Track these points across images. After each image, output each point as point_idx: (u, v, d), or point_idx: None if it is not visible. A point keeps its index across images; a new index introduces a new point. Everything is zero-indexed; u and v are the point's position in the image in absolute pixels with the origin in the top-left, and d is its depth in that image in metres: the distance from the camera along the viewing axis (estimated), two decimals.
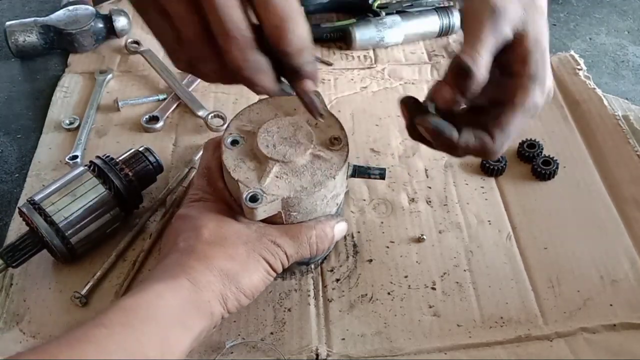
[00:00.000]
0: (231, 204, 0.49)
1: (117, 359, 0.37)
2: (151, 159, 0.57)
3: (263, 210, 0.44)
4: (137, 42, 0.78)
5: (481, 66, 0.39)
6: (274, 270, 0.47)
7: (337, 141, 0.48)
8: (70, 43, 0.77)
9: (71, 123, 0.68)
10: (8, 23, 0.76)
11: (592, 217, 0.59)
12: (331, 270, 0.55)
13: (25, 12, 0.87)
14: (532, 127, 0.68)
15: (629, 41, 0.83)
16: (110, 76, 0.75)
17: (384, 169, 0.52)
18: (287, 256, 0.47)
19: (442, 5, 0.81)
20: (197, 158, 0.64)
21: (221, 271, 0.44)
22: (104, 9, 0.82)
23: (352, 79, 0.75)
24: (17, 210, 0.57)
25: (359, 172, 0.51)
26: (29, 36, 0.76)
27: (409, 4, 0.80)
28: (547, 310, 0.52)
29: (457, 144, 0.42)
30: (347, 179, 0.50)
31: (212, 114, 0.68)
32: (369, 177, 0.52)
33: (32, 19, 0.77)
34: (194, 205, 0.49)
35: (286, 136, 0.47)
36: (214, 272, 0.44)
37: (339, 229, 0.51)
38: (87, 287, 0.52)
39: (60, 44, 0.78)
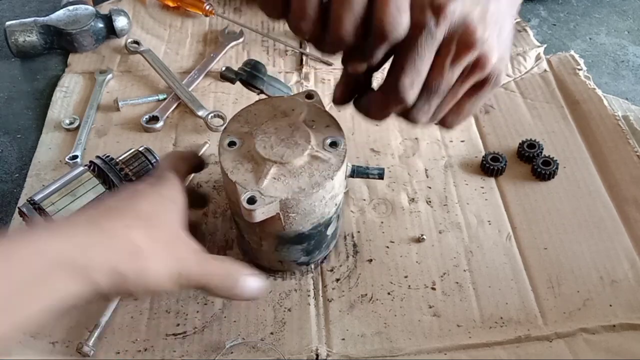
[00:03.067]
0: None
1: None
2: (151, 158, 0.57)
3: (261, 212, 0.44)
4: (137, 42, 0.77)
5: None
6: (183, 280, 0.40)
7: (335, 142, 0.48)
8: (70, 43, 0.77)
9: (71, 123, 0.68)
10: (8, 23, 0.76)
11: (592, 218, 0.59)
12: (331, 270, 0.55)
13: (25, 12, 0.87)
14: (532, 127, 0.68)
15: (629, 41, 0.83)
16: (110, 76, 0.75)
17: (383, 169, 0.52)
18: (195, 273, 0.41)
19: None
20: None
21: (131, 246, 0.37)
22: (104, 9, 0.82)
23: None
24: (17, 210, 0.57)
25: (358, 172, 0.51)
26: (29, 36, 0.76)
27: None
28: (546, 310, 0.52)
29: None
30: (346, 179, 0.50)
31: (212, 114, 0.68)
32: (368, 177, 0.52)
33: (32, 19, 0.77)
34: (147, 181, 0.45)
35: (284, 137, 0.47)
36: (121, 243, 0.37)
37: (252, 285, 0.43)
38: None
39: (60, 44, 0.78)
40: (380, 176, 0.51)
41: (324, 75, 0.75)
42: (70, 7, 0.78)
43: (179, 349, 0.50)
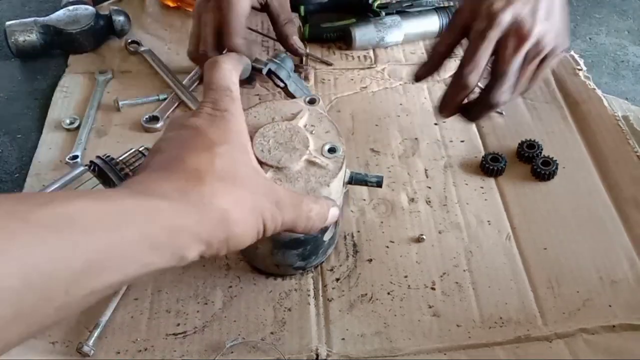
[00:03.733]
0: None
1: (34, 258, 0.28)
2: None
3: None
4: (137, 42, 0.78)
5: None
6: (265, 233, 0.41)
7: (333, 148, 0.47)
8: (70, 43, 0.77)
9: (71, 123, 0.68)
10: (8, 23, 0.76)
11: (591, 218, 0.59)
12: (331, 270, 0.55)
13: (25, 12, 0.87)
14: (532, 128, 0.68)
15: (629, 41, 0.83)
16: (110, 76, 0.75)
17: (382, 177, 0.51)
18: (282, 223, 0.41)
19: (442, 5, 0.81)
20: None
21: (219, 214, 0.37)
22: (104, 9, 0.82)
23: (352, 79, 0.75)
24: None
25: (356, 179, 0.51)
26: (29, 36, 0.76)
27: (409, 3, 0.80)
28: (546, 310, 0.52)
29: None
30: (344, 186, 0.50)
31: None
32: (367, 185, 0.51)
33: (32, 18, 0.77)
34: (207, 118, 0.41)
35: (282, 141, 0.47)
36: (211, 213, 0.36)
37: (333, 213, 0.46)
38: None
39: (60, 44, 0.78)
40: (379, 184, 0.51)
41: (324, 75, 0.75)
42: (70, 7, 0.78)
43: (179, 348, 0.50)
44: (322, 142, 0.47)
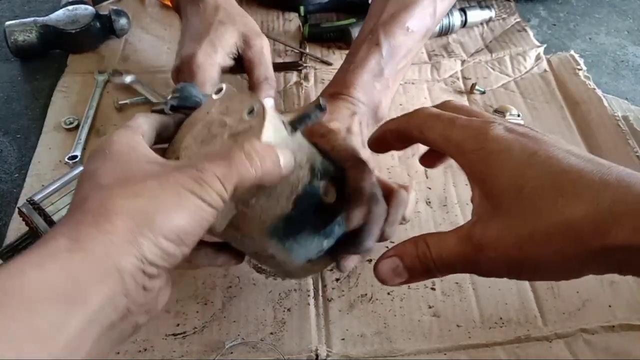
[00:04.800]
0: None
1: None
2: None
3: (221, 219, 0.39)
4: (120, 73, 0.74)
5: None
6: (209, 203, 0.34)
7: (250, 109, 0.41)
8: (69, 43, 0.77)
9: (71, 123, 0.68)
10: (8, 23, 0.76)
11: None
12: (331, 270, 0.55)
13: (25, 12, 0.87)
14: (532, 127, 0.68)
15: (629, 41, 0.83)
16: (109, 72, 0.75)
17: (321, 101, 0.43)
18: (219, 180, 0.35)
19: None
20: None
21: (123, 214, 0.32)
22: (104, 9, 0.82)
23: None
24: (16, 210, 0.57)
25: (299, 122, 0.43)
26: (29, 36, 0.76)
27: None
28: (546, 311, 0.52)
29: None
30: (289, 133, 0.42)
31: None
32: (310, 119, 0.43)
33: (32, 18, 0.77)
34: (107, 136, 0.39)
35: (202, 139, 0.42)
36: (110, 217, 0.32)
37: (285, 155, 0.39)
38: None
39: (60, 44, 0.78)
40: (321, 108, 0.43)
41: (324, 75, 0.75)
42: (70, 7, 0.78)
43: (179, 349, 0.50)
44: (239, 114, 0.42)
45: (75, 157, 0.64)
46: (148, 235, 0.32)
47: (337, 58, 0.78)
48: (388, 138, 0.43)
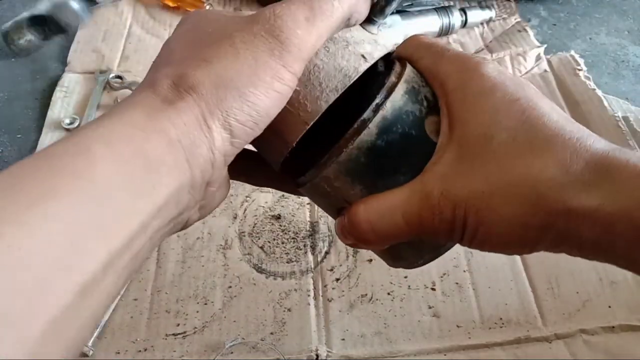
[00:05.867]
0: None
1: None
2: None
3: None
4: (120, 77, 0.74)
5: None
6: (290, 71, 0.28)
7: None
8: (59, 27, 0.77)
9: (71, 123, 0.68)
10: (4, 26, 0.76)
11: None
12: (331, 270, 0.55)
13: (25, 12, 0.87)
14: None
15: (629, 41, 0.83)
16: (110, 76, 0.75)
17: None
18: (303, 25, 0.28)
19: (442, 5, 0.81)
20: None
21: (193, 89, 0.27)
22: (104, 8, 0.82)
23: None
24: None
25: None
26: (24, 33, 0.76)
27: (409, 3, 0.80)
28: (546, 311, 0.52)
29: None
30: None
31: None
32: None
33: (22, 15, 0.77)
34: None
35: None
36: (181, 94, 0.27)
37: None
38: None
39: (53, 32, 0.78)
40: None
41: None
42: None
43: (179, 349, 0.50)
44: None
45: None
46: (219, 117, 0.27)
47: None
48: None
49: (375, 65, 0.33)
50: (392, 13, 0.79)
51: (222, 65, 0.27)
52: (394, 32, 0.78)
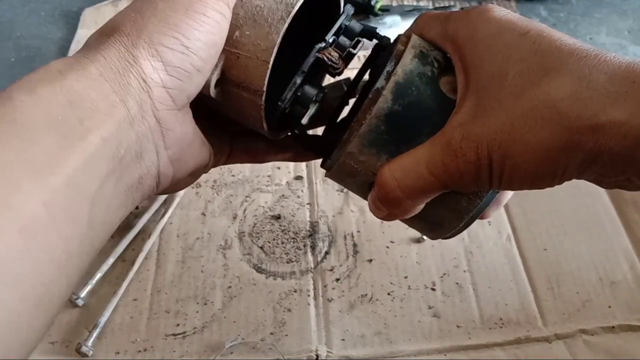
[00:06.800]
0: None
1: None
2: None
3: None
4: None
5: None
6: None
7: None
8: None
9: None
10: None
11: (591, 219, 0.59)
12: (331, 270, 0.55)
13: (25, 12, 0.87)
14: None
15: (629, 41, 0.83)
16: None
17: None
18: None
19: (442, 5, 0.81)
20: None
21: (116, 30, 0.28)
22: (103, 9, 0.82)
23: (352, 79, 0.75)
24: None
25: None
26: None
27: (411, 9, 0.81)
28: (546, 311, 0.52)
29: None
30: None
31: None
32: None
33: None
34: None
35: None
36: (102, 38, 0.28)
37: None
38: (86, 289, 0.52)
39: None
40: None
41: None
42: None
43: (179, 349, 0.50)
44: None
45: None
46: (143, 46, 0.27)
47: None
48: None
49: (384, 45, 0.35)
50: (392, 14, 0.80)
51: (140, 4, 0.28)
52: (394, 32, 0.78)
